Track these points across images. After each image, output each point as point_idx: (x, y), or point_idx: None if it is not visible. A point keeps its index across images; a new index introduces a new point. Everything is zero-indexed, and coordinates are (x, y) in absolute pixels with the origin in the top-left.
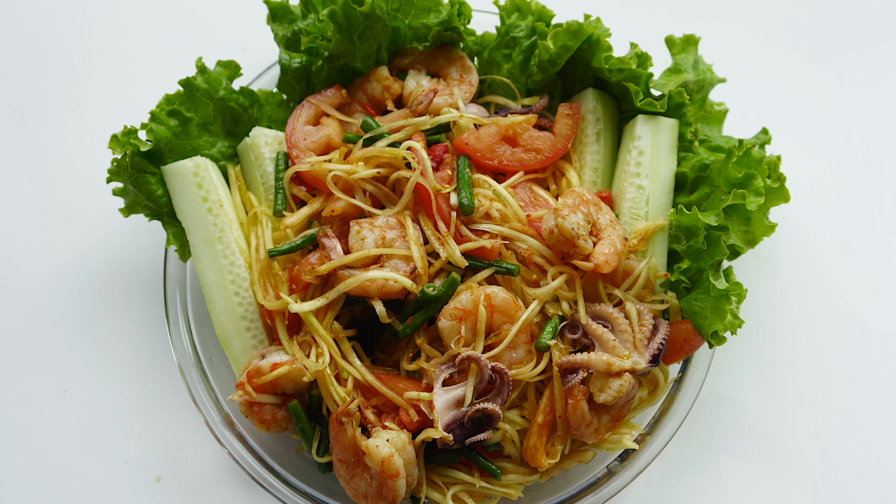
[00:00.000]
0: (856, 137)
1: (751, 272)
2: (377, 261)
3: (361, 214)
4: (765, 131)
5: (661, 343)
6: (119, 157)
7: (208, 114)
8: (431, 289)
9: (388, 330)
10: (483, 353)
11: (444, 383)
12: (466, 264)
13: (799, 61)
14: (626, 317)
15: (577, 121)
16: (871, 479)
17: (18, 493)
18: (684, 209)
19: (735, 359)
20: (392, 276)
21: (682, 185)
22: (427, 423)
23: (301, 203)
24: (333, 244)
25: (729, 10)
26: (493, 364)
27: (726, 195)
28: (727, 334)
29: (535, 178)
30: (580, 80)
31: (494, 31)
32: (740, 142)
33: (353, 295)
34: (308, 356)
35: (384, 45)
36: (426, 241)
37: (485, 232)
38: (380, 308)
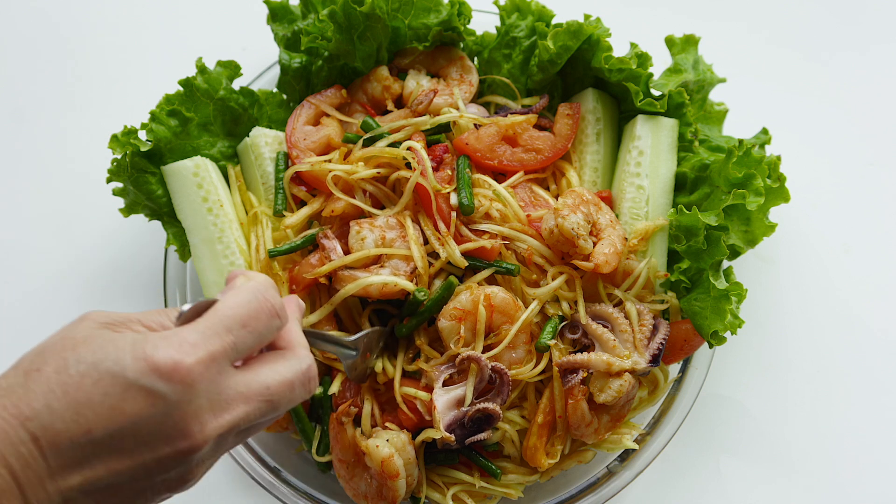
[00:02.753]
0: (856, 137)
1: (751, 272)
2: (377, 261)
3: (361, 214)
4: (765, 131)
5: (661, 343)
6: (119, 157)
7: (208, 114)
8: (422, 294)
9: None
10: (483, 353)
11: (444, 383)
12: (466, 264)
13: (799, 61)
14: (626, 317)
15: (577, 121)
16: (871, 479)
17: None
18: (684, 209)
19: (735, 359)
20: (391, 280)
21: (682, 185)
22: (426, 422)
23: (301, 203)
24: (333, 245)
25: (728, 10)
26: (493, 364)
27: (726, 195)
28: (727, 334)
29: (535, 178)
30: (580, 80)
31: (494, 31)
32: (740, 142)
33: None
34: None
35: (384, 45)
36: (426, 242)
37: (485, 232)
38: None
